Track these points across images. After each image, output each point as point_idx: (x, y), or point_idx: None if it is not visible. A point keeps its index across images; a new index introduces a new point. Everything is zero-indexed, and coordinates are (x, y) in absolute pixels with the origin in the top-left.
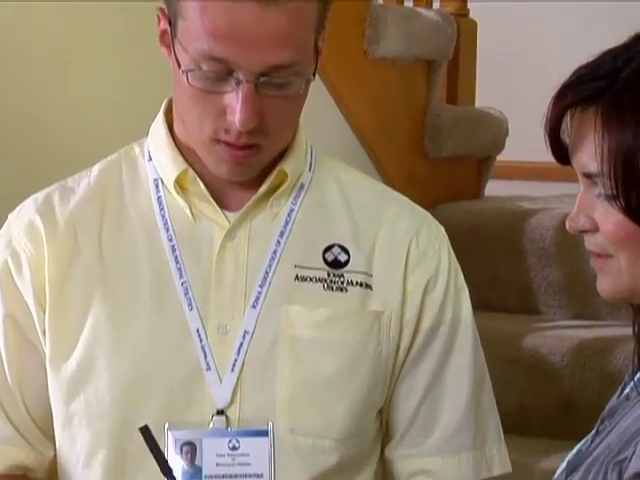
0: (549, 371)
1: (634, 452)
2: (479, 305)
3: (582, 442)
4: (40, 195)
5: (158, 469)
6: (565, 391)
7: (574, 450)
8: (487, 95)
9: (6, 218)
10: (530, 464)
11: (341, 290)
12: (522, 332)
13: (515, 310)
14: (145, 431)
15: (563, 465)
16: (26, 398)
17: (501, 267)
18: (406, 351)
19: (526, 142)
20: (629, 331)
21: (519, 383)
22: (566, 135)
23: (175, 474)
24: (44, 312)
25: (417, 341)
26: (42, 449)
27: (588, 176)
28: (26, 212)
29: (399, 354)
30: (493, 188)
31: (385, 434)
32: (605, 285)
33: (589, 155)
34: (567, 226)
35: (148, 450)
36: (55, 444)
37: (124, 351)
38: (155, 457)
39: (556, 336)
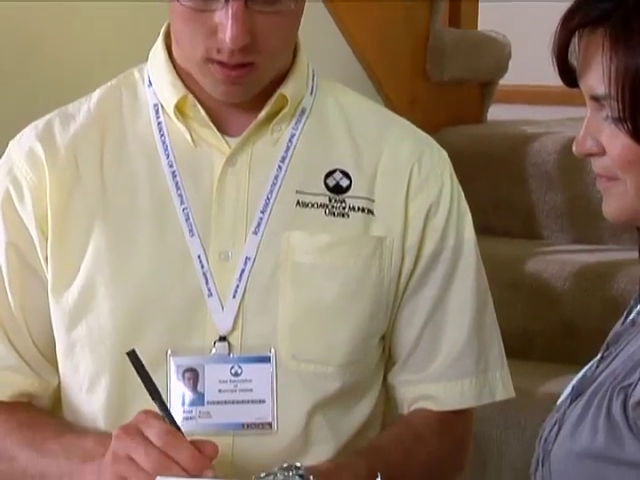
0: (551, 295)
1: (639, 378)
2: (481, 230)
3: (587, 367)
4: (40, 122)
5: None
6: (567, 315)
7: (579, 375)
8: (489, 18)
9: (6, 145)
10: (532, 388)
11: (343, 216)
12: (524, 256)
13: (517, 234)
14: (132, 356)
15: (567, 390)
16: (30, 326)
17: (503, 191)
18: (408, 277)
19: (529, 65)
20: (631, 255)
21: (521, 307)
22: (574, 58)
23: (174, 400)
24: (46, 239)
25: (419, 267)
26: (46, 376)
27: (596, 99)
28: (27, 139)
29: (401, 280)
30: (496, 112)
31: (388, 360)
32: (611, 207)
33: (597, 77)
34: (574, 149)
35: (150, 374)
36: (59, 371)
37: (125, 278)
38: (143, 381)
39: (558, 260)
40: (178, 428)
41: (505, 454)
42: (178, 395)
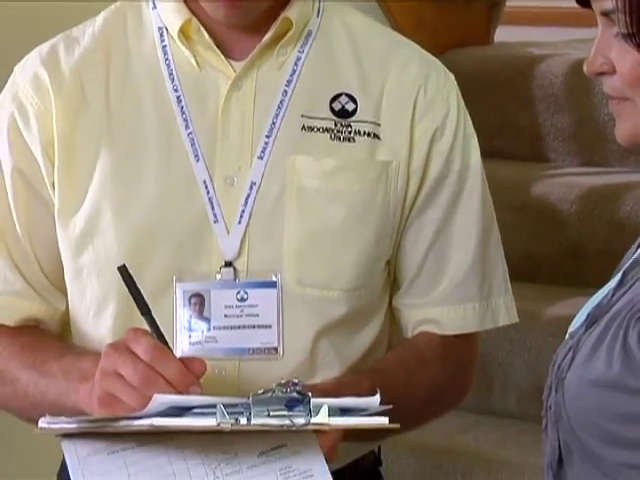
0: (557, 218)
1: None
2: (488, 153)
3: (602, 295)
4: (45, 46)
5: (167, 318)
6: (573, 238)
7: (593, 302)
8: None
9: (10, 71)
10: (537, 311)
11: (349, 140)
12: (531, 179)
13: (524, 157)
14: (123, 270)
15: (582, 317)
16: (37, 251)
17: (510, 114)
18: (413, 200)
19: None
20: (637, 177)
21: (527, 230)
22: None
23: (180, 325)
24: (53, 166)
25: (423, 190)
26: (54, 302)
27: (605, 14)
28: (31, 64)
29: (406, 203)
30: (502, 34)
31: (393, 284)
32: (622, 130)
33: None
34: (584, 69)
35: (156, 300)
36: (67, 296)
37: (131, 204)
38: (133, 296)
39: (565, 183)
40: (167, 344)
41: (510, 376)
42: (184, 320)
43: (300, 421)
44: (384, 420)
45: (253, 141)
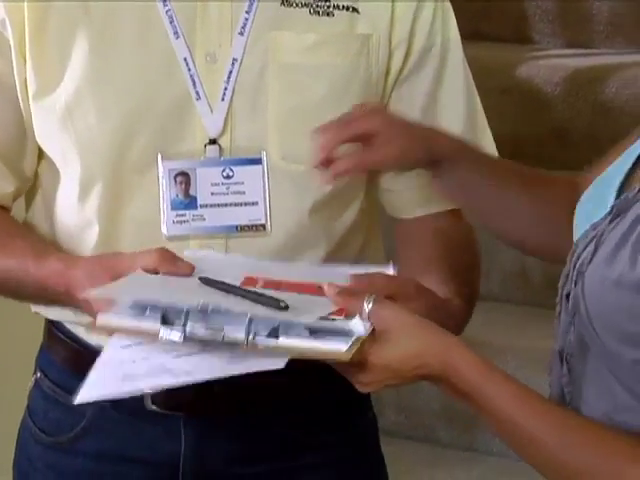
0: (542, 100)
1: None
2: (472, 35)
3: (612, 179)
4: None
5: (152, 198)
6: (557, 120)
7: (607, 188)
8: None
9: None
10: None
11: (327, 15)
12: (515, 62)
13: (508, 39)
14: None
15: (604, 209)
16: None
17: None
18: (397, 73)
19: None
20: (623, 59)
21: (512, 113)
22: None
23: (166, 204)
24: (23, 57)
25: (409, 62)
26: (2, 184)
27: None
28: None
29: (389, 77)
30: None
31: None
32: None
33: None
34: None
35: (141, 179)
36: (18, 177)
37: (111, 83)
38: None
39: (549, 65)
40: None
41: (495, 259)
42: (170, 199)
43: (236, 335)
44: (341, 346)
45: (232, 17)
